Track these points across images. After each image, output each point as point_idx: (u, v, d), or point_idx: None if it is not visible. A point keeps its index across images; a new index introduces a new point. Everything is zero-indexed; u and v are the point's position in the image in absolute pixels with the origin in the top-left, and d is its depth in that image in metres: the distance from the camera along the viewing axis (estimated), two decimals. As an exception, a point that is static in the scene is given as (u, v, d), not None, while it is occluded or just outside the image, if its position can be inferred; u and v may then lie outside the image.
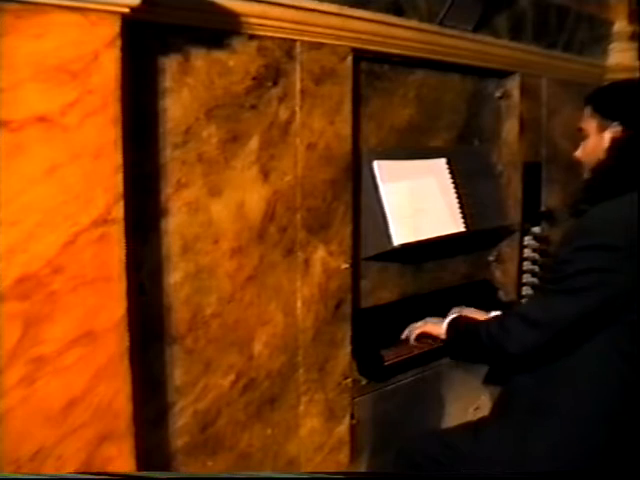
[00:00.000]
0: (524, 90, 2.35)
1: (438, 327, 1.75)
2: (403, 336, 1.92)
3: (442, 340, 1.76)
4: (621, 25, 2.83)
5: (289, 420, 1.70)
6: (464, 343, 1.63)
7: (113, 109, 1.15)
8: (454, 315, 1.74)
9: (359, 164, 1.86)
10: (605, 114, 1.51)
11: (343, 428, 1.82)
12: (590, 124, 1.55)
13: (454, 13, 1.96)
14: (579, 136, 1.61)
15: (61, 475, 1.13)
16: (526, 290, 2.46)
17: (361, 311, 1.90)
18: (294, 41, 1.59)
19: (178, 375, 1.46)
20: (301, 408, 1.72)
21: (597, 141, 1.52)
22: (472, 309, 1.92)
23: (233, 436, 1.58)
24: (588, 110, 1.56)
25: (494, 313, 1.85)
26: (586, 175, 1.59)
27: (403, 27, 1.84)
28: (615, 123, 1.48)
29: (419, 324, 1.87)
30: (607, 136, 1.50)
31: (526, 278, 2.46)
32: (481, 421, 1.71)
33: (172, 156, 1.40)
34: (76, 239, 1.13)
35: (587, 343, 1.39)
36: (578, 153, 1.60)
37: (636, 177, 1.41)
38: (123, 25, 1.15)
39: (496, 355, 1.56)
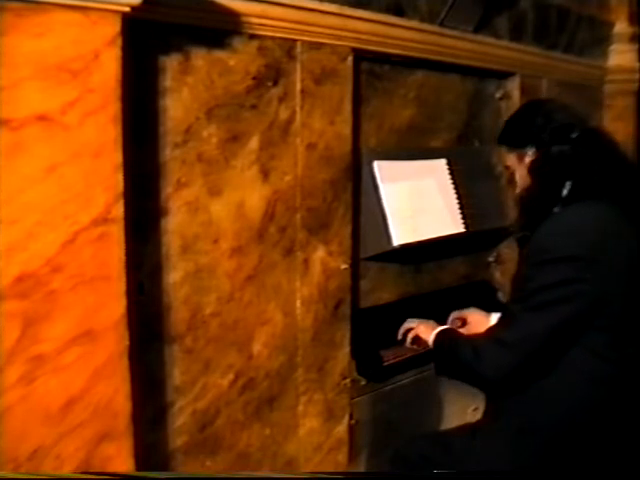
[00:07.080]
0: (524, 91, 2.35)
1: (428, 333, 1.70)
2: (399, 336, 1.89)
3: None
4: (621, 27, 2.84)
5: (288, 420, 1.70)
6: (446, 362, 1.60)
7: (113, 108, 1.15)
8: (444, 327, 1.69)
9: (359, 164, 1.86)
10: (519, 146, 1.57)
11: (342, 428, 1.82)
12: (511, 159, 1.61)
13: (455, 14, 1.96)
14: (509, 176, 1.67)
15: (60, 475, 1.13)
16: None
17: (360, 311, 1.90)
18: (294, 41, 1.59)
19: (177, 374, 1.46)
20: (300, 408, 1.72)
21: (521, 170, 1.58)
22: (473, 309, 1.92)
23: (232, 436, 1.58)
24: (505, 149, 1.63)
25: (495, 315, 1.86)
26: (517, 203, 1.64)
27: (404, 27, 1.84)
28: (527, 148, 1.55)
29: (413, 323, 1.84)
30: (527, 161, 1.55)
31: (525, 279, 2.46)
32: (478, 423, 1.71)
33: (172, 155, 1.40)
34: (76, 238, 1.13)
35: (565, 356, 1.37)
36: (517, 191, 1.62)
37: (559, 191, 1.45)
38: (124, 24, 1.15)
39: (473, 380, 1.57)
